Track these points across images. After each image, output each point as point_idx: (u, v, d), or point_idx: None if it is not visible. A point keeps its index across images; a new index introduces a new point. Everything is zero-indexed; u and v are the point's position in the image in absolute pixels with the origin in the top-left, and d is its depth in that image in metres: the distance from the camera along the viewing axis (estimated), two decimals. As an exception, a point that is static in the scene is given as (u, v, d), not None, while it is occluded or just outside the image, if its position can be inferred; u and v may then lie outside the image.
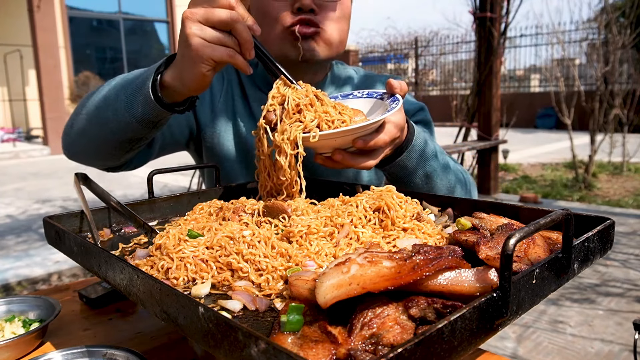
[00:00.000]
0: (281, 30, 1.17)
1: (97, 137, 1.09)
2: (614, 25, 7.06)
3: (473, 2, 6.22)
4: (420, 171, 1.13)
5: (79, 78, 13.19)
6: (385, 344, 0.50)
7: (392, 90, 1.03)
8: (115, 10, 14.44)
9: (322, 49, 1.20)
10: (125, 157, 1.15)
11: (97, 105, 1.08)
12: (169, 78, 0.94)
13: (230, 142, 1.33)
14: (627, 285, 3.67)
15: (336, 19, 1.20)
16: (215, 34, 0.86)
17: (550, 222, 0.58)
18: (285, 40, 1.18)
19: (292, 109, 0.95)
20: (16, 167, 9.97)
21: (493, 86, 6.33)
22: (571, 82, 10.56)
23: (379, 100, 1.08)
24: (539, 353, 2.78)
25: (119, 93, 1.03)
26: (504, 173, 8.18)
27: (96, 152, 1.13)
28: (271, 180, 1.02)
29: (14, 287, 3.86)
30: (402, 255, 0.58)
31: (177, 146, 1.36)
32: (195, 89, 0.93)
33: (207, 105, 1.33)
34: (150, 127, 1.03)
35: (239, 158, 1.33)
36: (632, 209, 5.85)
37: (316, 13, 1.17)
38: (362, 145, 0.95)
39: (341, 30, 1.23)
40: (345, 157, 0.96)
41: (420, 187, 1.16)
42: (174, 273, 0.76)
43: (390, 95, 1.05)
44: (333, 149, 0.97)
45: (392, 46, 17.75)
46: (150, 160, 1.29)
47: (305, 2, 1.13)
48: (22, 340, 0.84)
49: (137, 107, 0.98)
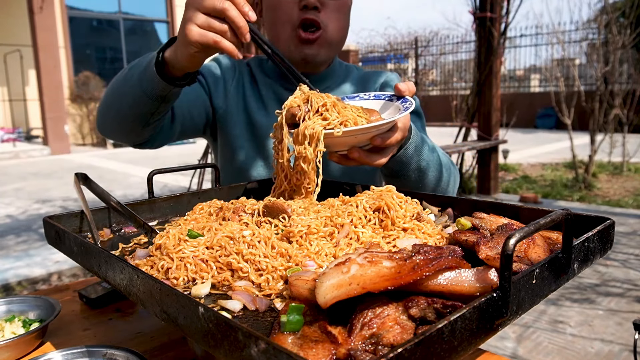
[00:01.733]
0: (289, 30, 1.30)
1: (118, 111, 1.21)
2: (614, 25, 7.06)
3: (473, 2, 6.22)
4: (414, 165, 1.19)
5: (79, 78, 13.19)
6: (385, 344, 0.50)
7: (401, 94, 1.09)
8: (115, 10, 14.44)
9: (324, 50, 1.34)
10: (146, 132, 1.25)
11: (117, 83, 1.22)
12: (168, 55, 1.05)
13: (242, 123, 1.43)
14: (627, 285, 3.67)
15: (338, 16, 1.32)
16: (206, 20, 0.94)
17: (550, 222, 0.58)
18: (292, 42, 1.31)
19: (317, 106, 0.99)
20: (16, 167, 9.97)
21: (493, 86, 6.33)
22: (571, 82, 10.55)
23: (388, 101, 1.12)
24: (539, 353, 2.78)
25: (132, 71, 1.16)
26: (504, 173, 8.18)
27: (119, 126, 1.25)
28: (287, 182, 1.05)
29: (14, 287, 3.86)
30: (402, 255, 0.58)
31: (196, 131, 1.45)
32: (188, 67, 1.04)
33: (221, 91, 1.44)
34: (159, 101, 1.14)
35: (249, 137, 1.43)
36: (632, 209, 5.85)
37: (319, 10, 1.28)
38: (379, 143, 1.00)
39: (342, 28, 1.36)
40: (362, 155, 1.02)
41: (413, 180, 1.22)
42: (174, 273, 0.76)
43: (399, 97, 1.10)
44: (350, 146, 1.01)
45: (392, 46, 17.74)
46: (172, 141, 1.40)
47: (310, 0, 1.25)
48: (22, 340, 0.84)
49: (145, 82, 1.10)
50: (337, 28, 1.33)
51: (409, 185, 1.24)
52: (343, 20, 1.34)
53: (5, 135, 12.73)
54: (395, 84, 1.10)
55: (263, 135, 1.41)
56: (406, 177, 1.20)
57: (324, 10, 1.29)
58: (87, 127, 13.73)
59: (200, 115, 1.41)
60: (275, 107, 1.42)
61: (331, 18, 1.30)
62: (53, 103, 11.61)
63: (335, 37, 1.34)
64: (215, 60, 1.50)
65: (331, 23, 1.31)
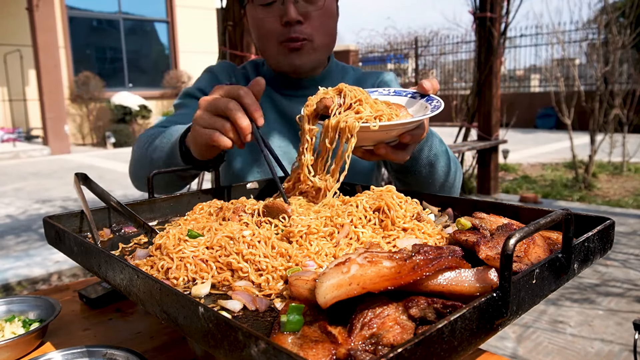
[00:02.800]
0: (275, 45, 1.31)
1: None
2: (614, 25, 7.05)
3: (473, 2, 6.22)
4: (425, 160, 1.19)
5: (79, 78, 13.18)
6: (385, 344, 0.50)
7: (425, 92, 1.08)
8: (115, 10, 14.43)
9: (313, 56, 1.33)
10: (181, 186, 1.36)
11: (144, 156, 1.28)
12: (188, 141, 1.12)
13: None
14: (627, 285, 3.67)
15: (323, 23, 1.30)
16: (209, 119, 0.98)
17: (550, 222, 0.58)
18: (280, 55, 1.32)
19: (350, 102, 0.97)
20: (16, 167, 9.97)
21: (493, 86, 6.33)
22: (571, 82, 10.56)
23: (410, 98, 1.11)
24: (539, 353, 2.78)
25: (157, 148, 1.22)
26: (504, 173, 8.18)
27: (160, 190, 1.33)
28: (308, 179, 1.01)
29: (14, 287, 3.86)
30: (402, 255, 0.58)
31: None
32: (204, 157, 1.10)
33: None
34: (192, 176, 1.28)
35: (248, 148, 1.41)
36: (632, 209, 5.85)
37: (302, 23, 1.27)
38: (408, 140, 0.99)
39: (329, 34, 1.34)
40: (388, 151, 1.01)
41: (424, 175, 1.22)
42: (174, 273, 0.76)
43: (422, 95, 1.08)
44: (377, 142, 0.99)
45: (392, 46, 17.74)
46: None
47: (291, 16, 1.24)
48: (22, 340, 0.84)
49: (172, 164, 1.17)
50: (323, 34, 1.32)
51: (420, 180, 1.24)
52: (329, 24, 1.33)
53: (5, 135, 12.73)
54: (419, 82, 1.09)
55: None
56: (417, 172, 1.20)
57: (308, 21, 1.28)
58: (87, 127, 13.73)
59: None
60: (271, 113, 1.42)
61: (316, 27, 1.29)
62: (53, 103, 11.60)
63: (322, 43, 1.33)
64: (209, 71, 1.50)
65: (317, 31, 1.29)
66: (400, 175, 1.26)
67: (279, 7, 1.26)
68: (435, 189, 1.29)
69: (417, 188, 1.28)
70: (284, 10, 1.25)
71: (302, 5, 1.26)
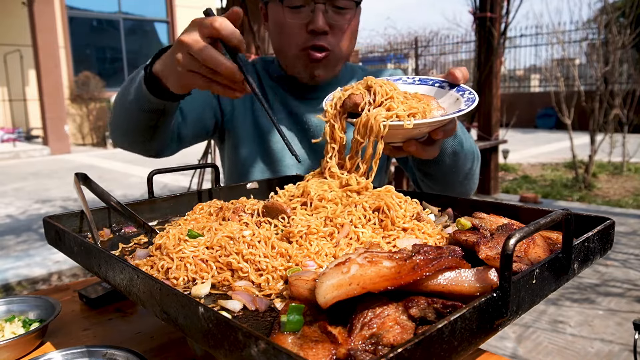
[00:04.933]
0: (296, 50, 1.28)
1: (123, 126, 1.20)
2: (613, 25, 7.05)
3: (473, 2, 6.22)
4: (450, 149, 1.16)
5: (79, 78, 13.19)
6: (385, 344, 0.50)
7: (456, 81, 1.02)
8: (115, 10, 14.44)
9: (331, 68, 1.33)
10: (155, 144, 1.24)
11: (118, 97, 1.20)
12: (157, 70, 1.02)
13: (248, 124, 1.42)
14: (627, 285, 3.67)
15: (347, 36, 1.29)
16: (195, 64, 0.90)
17: (550, 222, 0.58)
18: (299, 61, 1.30)
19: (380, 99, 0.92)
20: (16, 167, 9.97)
21: (493, 86, 6.33)
22: (571, 82, 10.55)
23: (439, 88, 1.04)
24: (539, 353, 2.78)
25: (130, 85, 1.13)
26: (504, 173, 8.17)
27: (127, 139, 1.24)
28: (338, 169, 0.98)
29: (14, 287, 3.86)
30: (402, 255, 0.58)
31: (207, 135, 1.45)
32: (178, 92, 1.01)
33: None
34: (158, 115, 1.11)
35: (254, 139, 1.41)
36: (632, 209, 5.85)
37: (328, 33, 1.25)
38: (441, 136, 0.95)
39: (349, 47, 1.34)
40: (418, 147, 0.97)
41: (447, 164, 1.19)
42: (174, 273, 0.76)
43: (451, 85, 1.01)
44: (407, 138, 0.95)
45: (392, 46, 17.76)
46: (185, 147, 1.39)
47: (319, 26, 1.22)
48: (22, 340, 0.84)
49: (140, 98, 1.07)
50: (346, 46, 1.31)
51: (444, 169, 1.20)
52: (351, 37, 1.32)
53: (5, 135, 12.73)
54: (449, 70, 1.03)
55: (268, 138, 1.40)
56: (441, 162, 1.17)
57: (333, 32, 1.26)
58: (87, 127, 13.73)
59: (211, 119, 1.41)
60: (280, 111, 1.41)
61: (340, 39, 1.28)
62: (53, 103, 11.61)
63: (342, 56, 1.33)
64: None
65: (340, 43, 1.28)
66: (423, 166, 1.22)
67: (307, 13, 1.24)
68: (459, 179, 1.25)
69: (441, 178, 1.24)
70: (312, 18, 1.23)
71: (330, 16, 1.24)
